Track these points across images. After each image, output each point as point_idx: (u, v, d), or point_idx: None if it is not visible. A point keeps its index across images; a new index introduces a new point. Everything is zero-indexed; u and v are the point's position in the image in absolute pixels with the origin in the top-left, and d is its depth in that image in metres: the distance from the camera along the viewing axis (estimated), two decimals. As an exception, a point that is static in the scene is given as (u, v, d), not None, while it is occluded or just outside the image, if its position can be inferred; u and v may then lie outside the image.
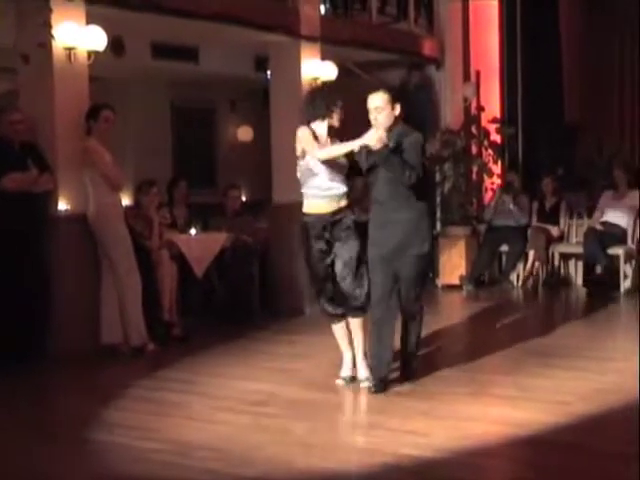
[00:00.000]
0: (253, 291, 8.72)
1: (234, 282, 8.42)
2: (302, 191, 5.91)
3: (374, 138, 5.60)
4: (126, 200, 8.55)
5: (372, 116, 5.86)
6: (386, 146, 5.59)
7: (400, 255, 5.69)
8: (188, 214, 8.71)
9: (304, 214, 5.88)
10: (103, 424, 5.23)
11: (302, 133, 5.86)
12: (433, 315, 6.50)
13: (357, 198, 9.99)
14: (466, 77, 11.29)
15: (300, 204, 5.90)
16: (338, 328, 5.98)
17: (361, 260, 5.79)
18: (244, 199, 10.67)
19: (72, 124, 6.94)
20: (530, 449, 4.58)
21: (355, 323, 5.89)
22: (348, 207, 5.91)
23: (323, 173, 5.78)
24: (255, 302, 8.75)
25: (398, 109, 5.86)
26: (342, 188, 5.85)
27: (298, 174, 5.93)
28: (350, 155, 5.81)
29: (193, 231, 8.27)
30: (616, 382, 5.78)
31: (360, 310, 5.86)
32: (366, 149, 5.70)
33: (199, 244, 8.12)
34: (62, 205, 6.96)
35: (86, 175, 6.93)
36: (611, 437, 4.79)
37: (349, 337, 5.97)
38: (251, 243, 8.69)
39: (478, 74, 11.38)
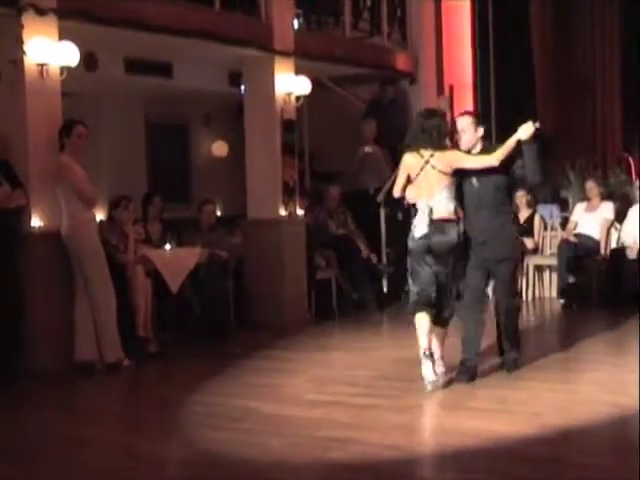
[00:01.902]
0: (228, 306, 8.69)
1: (209, 297, 8.38)
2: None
3: (528, 131, 6.00)
4: (100, 215, 8.50)
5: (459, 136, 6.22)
6: (535, 137, 5.98)
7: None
8: (163, 229, 8.67)
9: None
10: (78, 442, 5.18)
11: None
12: (409, 328, 6.52)
13: (333, 208, 10.05)
14: (440, 91, 11.35)
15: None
16: None
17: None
18: (219, 214, 10.64)
19: (45, 140, 6.90)
20: (503, 462, 4.58)
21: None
22: None
23: None
24: (230, 317, 8.73)
25: (481, 131, 6.20)
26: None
27: None
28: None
29: (168, 246, 8.24)
30: (589, 394, 5.81)
31: None
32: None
33: (174, 259, 8.09)
34: (35, 221, 6.91)
35: (59, 191, 6.89)
36: (583, 449, 4.81)
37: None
38: (226, 258, 8.67)
39: (452, 88, 11.45)
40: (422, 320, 6.03)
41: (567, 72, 13.01)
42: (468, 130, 6.18)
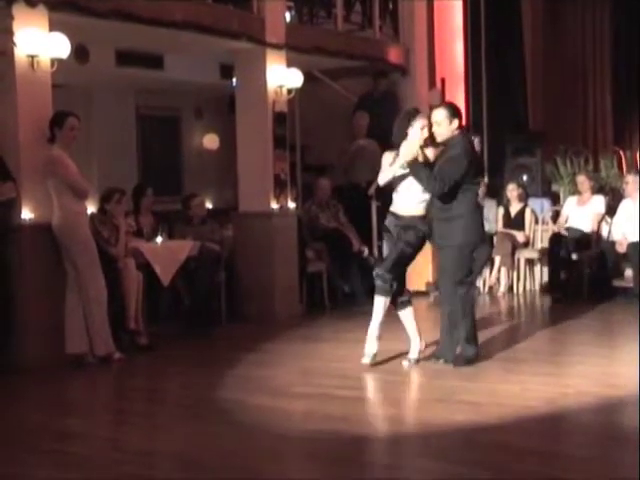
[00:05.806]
0: (220, 299, 8.70)
1: (201, 290, 8.38)
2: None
3: (406, 153, 6.19)
4: (91, 208, 8.48)
5: (434, 129, 6.33)
6: (415, 159, 6.17)
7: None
8: (154, 222, 8.65)
9: None
10: (69, 435, 5.18)
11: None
12: (399, 321, 6.55)
13: (325, 201, 10.04)
14: (431, 84, 11.34)
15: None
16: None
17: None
18: (210, 206, 10.62)
19: (35, 132, 6.87)
20: (491, 454, 4.58)
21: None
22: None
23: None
24: (222, 310, 8.73)
25: (456, 123, 6.27)
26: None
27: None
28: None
29: (159, 239, 8.23)
30: (579, 386, 5.83)
31: None
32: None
33: (165, 252, 8.08)
34: (26, 213, 6.89)
35: (50, 184, 6.86)
36: (576, 441, 4.83)
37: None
38: (218, 251, 8.67)
39: (443, 81, 11.44)
40: None
41: (558, 65, 13.03)
42: (442, 123, 6.27)
